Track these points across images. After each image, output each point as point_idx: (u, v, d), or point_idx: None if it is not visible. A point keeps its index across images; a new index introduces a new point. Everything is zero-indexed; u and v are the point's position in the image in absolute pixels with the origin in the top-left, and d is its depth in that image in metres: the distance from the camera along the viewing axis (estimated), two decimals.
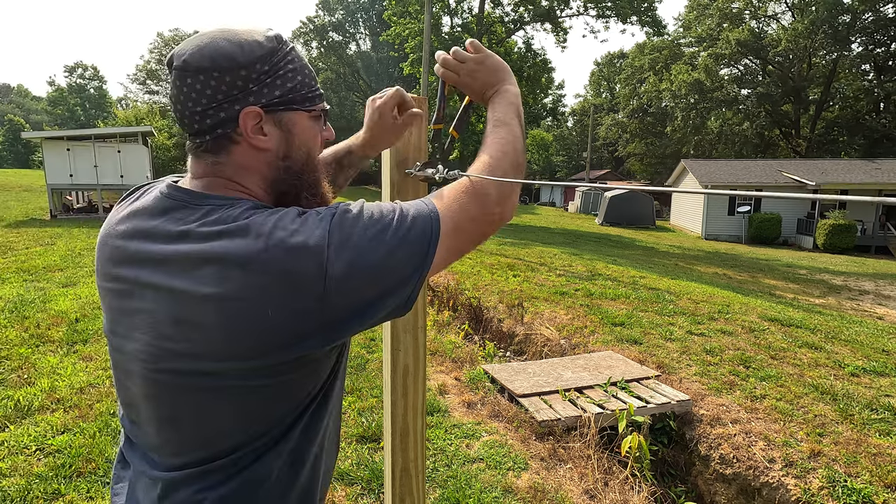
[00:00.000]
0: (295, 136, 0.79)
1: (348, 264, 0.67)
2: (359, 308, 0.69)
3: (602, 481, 3.01)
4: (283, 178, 0.79)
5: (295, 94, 0.78)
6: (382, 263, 0.69)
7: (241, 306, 0.65)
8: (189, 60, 0.72)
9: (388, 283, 0.70)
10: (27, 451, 2.82)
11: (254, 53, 0.74)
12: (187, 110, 0.74)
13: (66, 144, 14.44)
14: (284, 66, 0.77)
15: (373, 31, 52.52)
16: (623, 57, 51.65)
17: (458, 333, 5.87)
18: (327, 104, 0.85)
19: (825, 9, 30.22)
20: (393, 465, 1.20)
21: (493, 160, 0.83)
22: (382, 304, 0.71)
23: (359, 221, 0.70)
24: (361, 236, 0.69)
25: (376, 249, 0.69)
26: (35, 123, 63.54)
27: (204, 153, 0.77)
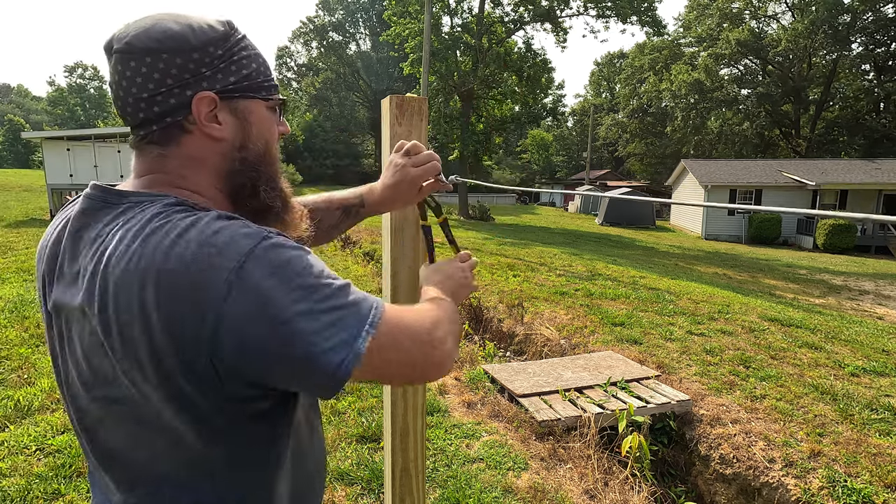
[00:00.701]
0: (252, 126, 0.73)
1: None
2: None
3: (602, 481, 3.01)
4: (240, 170, 0.73)
5: (251, 81, 0.73)
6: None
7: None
8: (133, 42, 0.65)
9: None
10: (27, 451, 2.82)
11: (206, 35, 0.68)
12: (131, 97, 0.67)
13: (66, 144, 14.46)
14: (239, 51, 0.72)
15: (373, 31, 52.53)
16: (623, 57, 51.65)
17: None
18: (282, 96, 0.80)
19: (825, 9, 30.22)
20: (393, 465, 1.20)
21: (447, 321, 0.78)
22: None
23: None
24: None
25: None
26: (35, 123, 63.56)
27: (149, 145, 0.70)
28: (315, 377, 0.61)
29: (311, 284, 0.61)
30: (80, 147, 14.57)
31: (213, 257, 0.59)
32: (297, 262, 0.62)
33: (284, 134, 0.82)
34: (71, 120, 60.75)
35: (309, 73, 55.45)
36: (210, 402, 0.63)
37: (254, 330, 0.58)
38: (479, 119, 23.69)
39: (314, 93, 52.25)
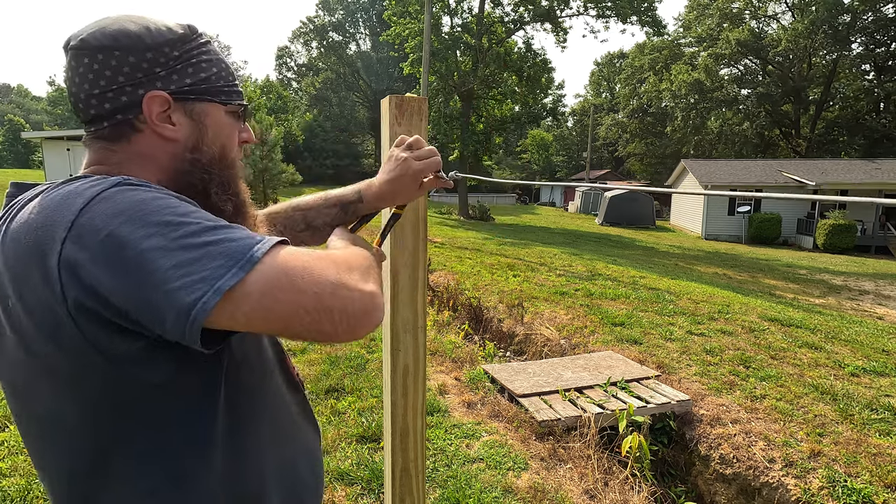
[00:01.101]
0: (208, 129, 0.73)
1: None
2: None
3: (602, 481, 3.01)
4: (189, 171, 0.72)
5: (210, 84, 0.73)
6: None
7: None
8: (88, 39, 0.66)
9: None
10: (27, 450, 2.82)
11: (163, 36, 0.69)
12: (83, 93, 0.67)
13: (66, 144, 14.47)
14: (198, 55, 0.72)
15: (373, 31, 52.53)
16: (623, 57, 51.64)
17: (458, 333, 5.87)
18: (246, 103, 0.80)
19: (825, 9, 30.22)
20: (393, 465, 1.20)
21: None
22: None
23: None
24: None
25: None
26: (35, 123, 63.56)
27: (98, 140, 0.70)
28: (168, 320, 0.53)
29: (168, 221, 0.56)
30: (80, 147, 14.52)
31: (61, 206, 0.57)
32: (154, 202, 0.57)
33: (247, 142, 0.82)
34: (71, 120, 60.63)
35: (309, 73, 55.45)
36: (89, 368, 0.59)
37: (98, 271, 0.54)
38: (479, 119, 23.68)
39: (314, 93, 52.25)
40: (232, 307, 0.53)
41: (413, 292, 1.17)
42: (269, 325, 0.56)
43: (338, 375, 4.09)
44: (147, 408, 0.64)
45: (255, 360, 0.75)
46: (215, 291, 0.52)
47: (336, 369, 4.21)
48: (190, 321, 0.52)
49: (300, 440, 0.83)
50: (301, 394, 0.87)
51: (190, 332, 0.53)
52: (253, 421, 0.73)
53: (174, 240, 0.55)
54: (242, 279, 0.53)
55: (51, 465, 0.68)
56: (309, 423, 0.88)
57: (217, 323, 0.54)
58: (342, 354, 4.56)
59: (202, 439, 0.67)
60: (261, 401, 0.75)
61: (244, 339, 0.73)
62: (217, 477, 0.69)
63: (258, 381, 0.75)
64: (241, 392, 0.71)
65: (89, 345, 0.58)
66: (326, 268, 0.58)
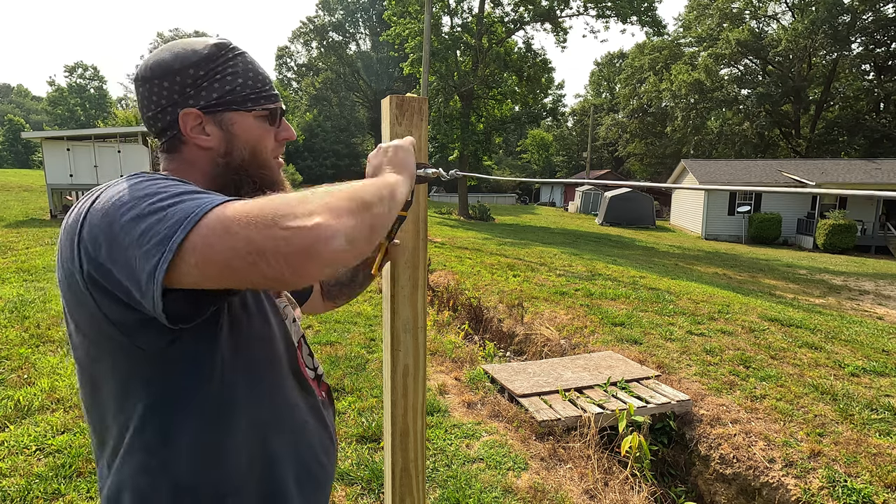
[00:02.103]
0: (236, 136, 0.83)
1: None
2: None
3: (602, 481, 3.01)
4: (223, 174, 0.83)
5: (235, 95, 0.82)
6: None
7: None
8: (139, 73, 0.82)
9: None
10: (27, 451, 2.82)
11: (188, 60, 0.80)
12: (145, 116, 0.83)
13: (66, 144, 14.45)
14: (224, 70, 0.82)
15: (373, 31, 52.53)
16: (623, 57, 51.63)
17: (458, 333, 5.87)
18: (283, 105, 0.89)
19: (825, 9, 30.21)
20: (393, 465, 1.20)
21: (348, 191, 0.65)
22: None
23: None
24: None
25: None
26: (35, 123, 63.56)
27: (163, 153, 0.84)
28: (140, 286, 0.59)
29: (147, 192, 0.64)
30: (80, 147, 14.56)
31: (88, 196, 0.70)
32: (149, 181, 0.67)
33: (288, 139, 0.91)
34: (71, 120, 60.69)
35: (309, 73, 55.44)
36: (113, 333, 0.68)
37: (100, 246, 0.63)
38: (479, 119, 23.67)
39: (314, 93, 52.24)
40: (183, 262, 0.57)
41: (413, 292, 1.17)
42: (215, 274, 0.57)
43: (338, 375, 4.09)
44: (146, 375, 0.72)
45: (259, 353, 0.81)
46: (169, 251, 0.57)
47: (336, 369, 4.21)
48: (153, 284, 0.58)
49: (305, 434, 0.87)
50: (312, 396, 0.91)
51: (151, 295, 0.58)
52: (246, 404, 0.78)
53: (146, 206, 0.62)
54: (190, 238, 0.57)
55: (89, 414, 0.79)
56: (321, 425, 0.91)
57: (177, 281, 0.58)
58: (342, 354, 4.56)
59: (197, 410, 0.74)
60: (260, 390, 0.80)
61: (250, 323, 0.80)
62: (198, 452, 0.75)
63: (262, 368, 0.81)
64: (242, 374, 0.78)
65: (101, 313, 0.67)
66: (263, 210, 0.56)
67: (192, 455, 0.74)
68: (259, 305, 0.84)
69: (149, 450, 0.73)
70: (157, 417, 0.73)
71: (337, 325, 5.39)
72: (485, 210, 23.86)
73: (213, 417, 0.75)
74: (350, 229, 0.59)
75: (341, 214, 0.59)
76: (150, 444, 0.73)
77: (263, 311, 0.84)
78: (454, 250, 11.62)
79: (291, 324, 0.92)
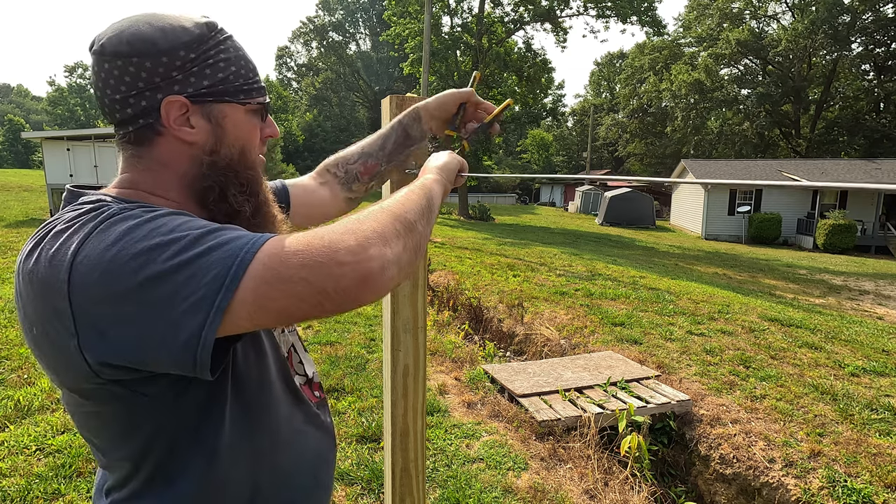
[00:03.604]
0: (226, 131, 0.73)
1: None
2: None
3: (602, 481, 3.01)
4: (206, 174, 0.72)
5: (227, 84, 0.72)
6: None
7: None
8: (106, 45, 0.67)
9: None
10: (27, 451, 2.82)
11: (178, 39, 0.68)
12: (106, 98, 0.68)
13: (66, 144, 14.45)
14: (216, 54, 0.71)
15: (373, 31, 52.53)
16: (623, 57, 51.62)
17: (458, 333, 5.87)
18: (268, 97, 0.79)
19: (825, 9, 30.21)
20: (393, 465, 1.20)
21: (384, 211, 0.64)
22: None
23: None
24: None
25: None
26: (35, 123, 63.56)
27: (126, 144, 0.71)
28: (170, 353, 0.54)
29: (157, 244, 0.55)
30: (80, 147, 14.56)
31: (61, 248, 0.57)
32: (144, 226, 0.57)
33: (272, 136, 0.81)
34: (71, 120, 60.70)
35: (309, 73, 55.43)
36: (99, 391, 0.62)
37: (101, 311, 0.54)
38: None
39: (314, 93, 52.23)
40: (231, 317, 0.54)
41: (413, 292, 1.17)
42: (270, 321, 0.56)
43: (338, 375, 4.09)
44: (150, 422, 0.66)
45: (254, 378, 0.75)
46: (217, 311, 0.53)
47: (336, 369, 4.21)
48: (200, 354, 0.53)
49: (302, 446, 0.83)
50: (305, 403, 0.86)
51: (196, 363, 0.54)
52: (251, 434, 0.74)
53: (165, 261, 0.54)
54: (239, 293, 0.53)
55: (92, 444, 0.73)
56: (317, 428, 0.88)
57: (223, 334, 0.55)
58: (342, 354, 4.56)
59: (194, 452, 0.69)
60: (257, 417, 0.75)
61: (245, 356, 0.74)
62: (209, 488, 0.71)
63: (257, 397, 0.75)
64: (240, 406, 0.73)
65: (98, 377, 0.59)
66: (313, 247, 0.55)
67: (197, 496, 0.70)
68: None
69: (153, 493, 0.69)
70: (163, 461, 0.68)
71: (337, 325, 5.39)
72: (485, 210, 23.86)
73: (217, 455, 0.70)
74: (399, 254, 0.60)
75: (389, 241, 0.59)
76: (154, 486, 0.69)
77: (256, 332, 0.77)
78: (454, 250, 11.62)
79: (280, 334, 0.87)
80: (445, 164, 0.89)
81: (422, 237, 0.66)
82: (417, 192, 0.72)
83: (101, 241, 0.56)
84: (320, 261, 0.54)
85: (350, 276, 0.54)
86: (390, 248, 0.58)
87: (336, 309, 0.56)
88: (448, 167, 0.89)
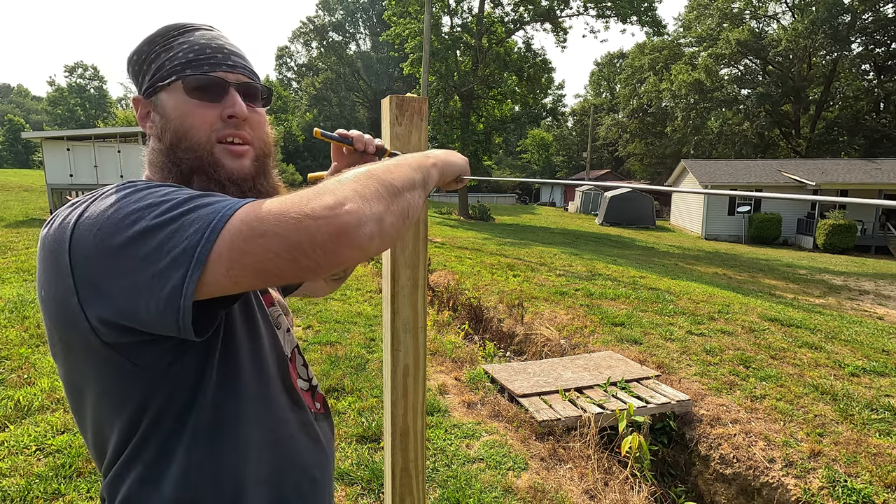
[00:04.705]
0: (168, 117, 0.75)
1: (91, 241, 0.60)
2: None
3: (602, 481, 3.01)
4: (164, 163, 0.75)
5: (162, 70, 0.75)
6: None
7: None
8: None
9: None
10: (27, 451, 2.82)
11: (136, 46, 0.77)
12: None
13: (66, 144, 14.45)
14: (163, 50, 0.76)
15: (373, 31, 52.54)
16: (623, 57, 51.63)
17: (458, 333, 5.87)
18: (227, 76, 0.76)
19: (825, 9, 30.21)
20: (393, 465, 1.20)
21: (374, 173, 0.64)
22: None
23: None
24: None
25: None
26: (35, 123, 63.58)
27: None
28: (157, 305, 0.55)
29: (150, 203, 0.58)
30: (80, 147, 14.56)
31: (70, 214, 0.62)
32: (142, 192, 0.61)
33: (234, 115, 0.76)
34: (71, 120, 60.68)
35: (309, 73, 55.44)
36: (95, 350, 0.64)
37: (97, 266, 0.57)
38: (479, 119, 23.68)
39: (314, 93, 52.24)
40: (211, 273, 0.55)
41: (413, 292, 1.17)
42: (249, 278, 0.56)
43: (338, 375, 4.09)
44: (144, 394, 0.68)
45: (248, 367, 0.75)
46: (197, 261, 0.54)
47: (336, 369, 4.21)
48: (181, 305, 0.54)
49: (293, 456, 0.82)
50: (304, 411, 0.85)
51: (182, 310, 0.55)
52: (238, 422, 0.74)
53: (154, 218, 0.57)
54: (217, 247, 0.54)
55: (80, 426, 0.77)
56: (310, 438, 0.85)
57: (203, 293, 0.56)
58: (342, 354, 4.56)
59: (182, 429, 0.70)
60: (248, 407, 0.74)
61: (239, 342, 0.74)
62: (190, 468, 0.71)
63: (250, 387, 0.75)
64: (229, 394, 0.72)
65: (96, 336, 0.62)
66: (289, 206, 0.55)
67: (184, 475, 0.70)
68: (249, 317, 0.77)
69: (146, 465, 0.70)
70: (155, 436, 0.69)
71: (337, 326, 5.39)
72: (485, 210, 23.85)
73: (204, 438, 0.71)
74: (380, 213, 0.58)
75: (369, 199, 0.58)
76: (146, 461, 0.70)
77: (254, 323, 0.77)
78: (454, 250, 11.62)
79: (285, 334, 0.86)
80: (450, 160, 0.87)
81: (409, 205, 0.65)
82: (410, 164, 0.71)
83: (102, 204, 0.60)
84: (296, 216, 0.54)
85: (325, 230, 0.54)
86: (369, 205, 0.58)
87: (314, 266, 0.56)
88: (451, 163, 0.87)
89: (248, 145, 0.78)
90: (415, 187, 0.68)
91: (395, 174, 0.65)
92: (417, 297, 1.17)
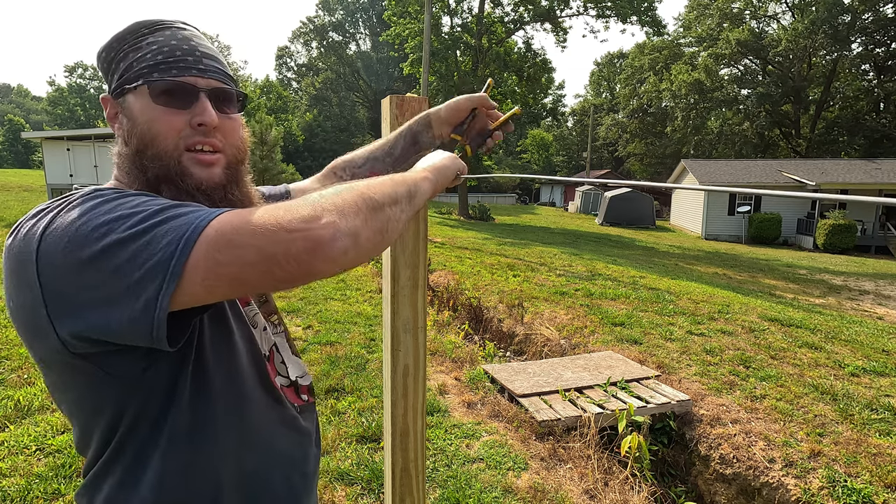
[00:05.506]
0: (133, 121, 0.72)
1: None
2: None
3: (602, 481, 3.01)
4: (130, 168, 0.72)
5: (130, 72, 0.71)
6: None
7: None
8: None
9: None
10: (27, 451, 2.82)
11: (105, 43, 0.73)
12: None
13: (66, 144, 14.48)
14: (132, 49, 0.72)
15: (373, 31, 52.54)
16: (623, 57, 51.61)
17: (458, 333, 5.87)
18: (198, 81, 0.73)
19: (825, 9, 30.21)
20: (393, 465, 1.20)
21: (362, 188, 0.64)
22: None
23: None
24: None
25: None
26: (35, 123, 63.59)
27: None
28: (130, 317, 0.55)
29: (120, 215, 0.57)
30: (80, 147, 14.59)
31: (36, 224, 0.60)
32: (111, 202, 0.59)
33: (203, 124, 0.72)
34: (71, 120, 60.68)
35: (309, 73, 55.43)
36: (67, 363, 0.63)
37: (67, 279, 0.56)
38: None
39: (314, 93, 52.23)
40: (187, 284, 0.54)
41: (413, 292, 1.17)
42: (224, 288, 0.56)
43: (338, 375, 4.09)
44: (119, 402, 0.68)
45: (222, 369, 0.74)
46: (172, 273, 0.54)
47: (336, 369, 4.21)
48: (156, 318, 0.54)
49: (276, 449, 0.82)
50: (284, 405, 0.84)
51: (156, 322, 0.54)
52: (214, 424, 0.73)
53: (125, 230, 0.56)
54: (192, 259, 0.54)
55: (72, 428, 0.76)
56: (293, 431, 0.85)
57: (177, 303, 0.55)
58: (342, 354, 4.56)
59: (158, 434, 0.70)
60: (224, 408, 0.74)
61: (213, 345, 0.73)
62: (168, 471, 0.70)
63: (225, 389, 0.74)
64: (205, 397, 0.72)
65: (65, 348, 0.61)
66: (265, 218, 0.55)
67: (160, 479, 0.70)
68: (221, 319, 0.76)
69: (125, 469, 0.70)
70: (132, 441, 0.69)
71: (337, 325, 5.39)
72: (485, 210, 23.85)
73: (181, 441, 0.70)
74: (356, 228, 0.58)
75: (346, 214, 0.58)
76: (125, 464, 0.70)
77: (226, 324, 0.76)
78: (454, 250, 11.62)
79: (262, 332, 0.85)
80: (440, 165, 0.87)
81: (390, 221, 0.64)
82: (395, 180, 0.71)
83: (69, 215, 0.59)
84: (271, 228, 0.54)
85: (299, 242, 0.54)
86: (346, 220, 0.57)
87: (288, 278, 0.56)
88: (442, 167, 0.87)
89: (220, 153, 0.75)
90: (397, 202, 0.67)
91: (376, 189, 0.65)
92: (417, 297, 1.17)
